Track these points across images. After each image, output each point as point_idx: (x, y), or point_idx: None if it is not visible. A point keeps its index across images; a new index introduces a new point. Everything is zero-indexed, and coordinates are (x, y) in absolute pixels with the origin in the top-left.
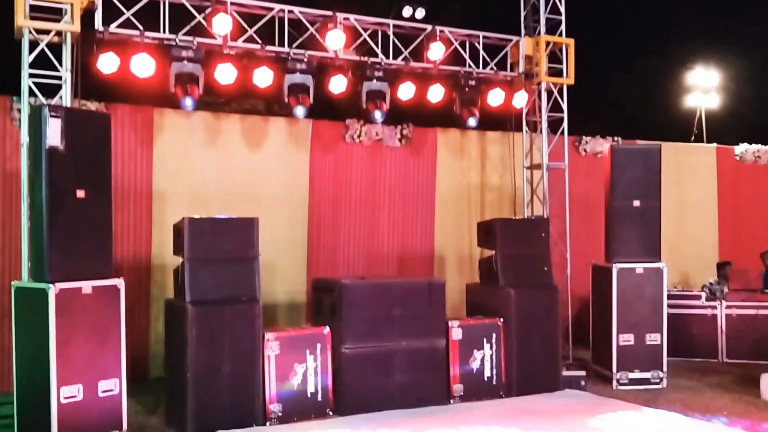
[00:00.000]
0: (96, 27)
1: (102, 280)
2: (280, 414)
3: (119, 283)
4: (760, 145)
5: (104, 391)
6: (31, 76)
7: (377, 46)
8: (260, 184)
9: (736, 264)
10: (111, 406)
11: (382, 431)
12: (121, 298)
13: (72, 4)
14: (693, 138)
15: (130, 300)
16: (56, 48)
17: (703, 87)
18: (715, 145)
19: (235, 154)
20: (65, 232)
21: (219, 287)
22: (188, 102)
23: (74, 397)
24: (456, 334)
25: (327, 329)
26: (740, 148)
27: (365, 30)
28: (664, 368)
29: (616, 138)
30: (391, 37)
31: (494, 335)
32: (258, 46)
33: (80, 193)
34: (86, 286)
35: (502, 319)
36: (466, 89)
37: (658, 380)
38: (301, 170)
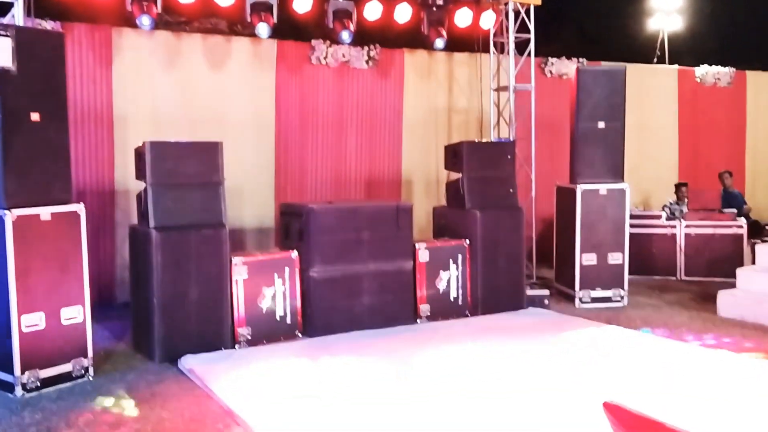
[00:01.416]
0: None
1: (61, 205)
2: (249, 337)
3: (79, 208)
4: (720, 66)
5: (67, 319)
6: None
7: None
8: (225, 107)
9: (696, 184)
10: (75, 334)
11: (350, 351)
12: (82, 223)
13: None
14: (656, 60)
15: (94, 226)
16: None
17: (666, 9)
18: (676, 66)
19: (197, 75)
20: (20, 156)
21: (184, 213)
22: (145, 20)
23: (36, 325)
24: (423, 256)
25: (295, 253)
26: (701, 70)
27: None
28: (626, 287)
29: (581, 60)
30: None
31: (460, 256)
32: None
33: (34, 116)
34: (45, 212)
35: (468, 241)
36: (434, 9)
37: (619, 298)
38: (267, 92)
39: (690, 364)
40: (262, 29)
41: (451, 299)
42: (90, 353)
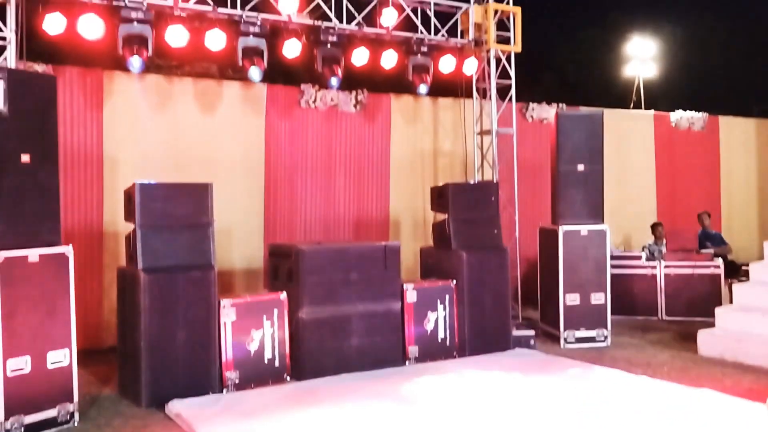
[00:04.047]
0: None
1: (49, 247)
2: (237, 381)
3: (68, 250)
4: (693, 112)
5: (53, 363)
6: None
7: (330, 11)
8: (215, 149)
9: (674, 225)
10: (61, 378)
11: (339, 396)
12: (70, 265)
13: None
14: (632, 105)
15: (82, 268)
16: (0, 8)
17: (641, 56)
18: (652, 111)
19: (188, 118)
20: (9, 198)
21: (172, 254)
22: (135, 62)
23: (21, 369)
24: (411, 296)
25: (284, 295)
26: (676, 115)
27: None
28: (609, 326)
29: (560, 104)
30: (344, 1)
31: (447, 297)
32: (210, 8)
33: (25, 158)
34: (33, 254)
35: (454, 281)
36: (419, 55)
37: (603, 338)
38: (257, 135)
39: (674, 404)
40: (254, 73)
41: (439, 340)
42: (76, 398)
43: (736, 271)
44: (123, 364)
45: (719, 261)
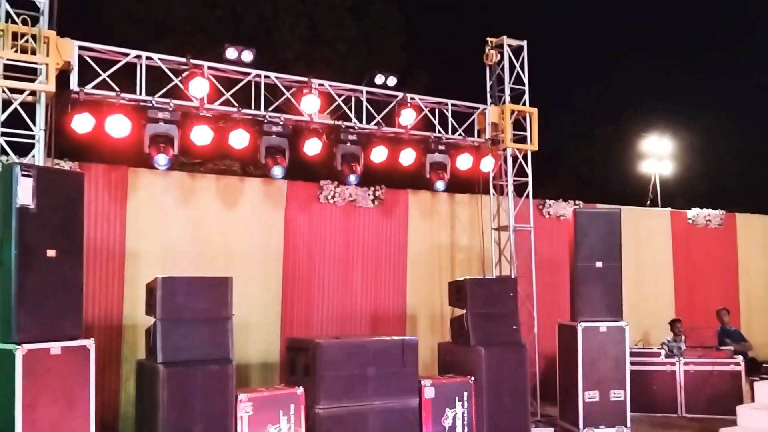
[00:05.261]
0: (71, 87)
1: (71, 341)
2: None
3: (89, 344)
4: (710, 209)
5: None
6: (3, 134)
7: (351, 111)
8: (235, 244)
9: (692, 322)
10: None
11: None
12: (91, 359)
13: (47, 65)
14: (648, 202)
15: (100, 360)
16: (30, 106)
17: (657, 154)
18: (669, 209)
19: (209, 213)
20: (34, 291)
21: (191, 348)
22: (161, 159)
23: None
24: (429, 393)
25: (301, 389)
26: (692, 213)
27: (339, 96)
28: (628, 423)
29: (577, 202)
30: (364, 102)
31: (466, 393)
32: (234, 109)
33: (51, 253)
34: (55, 347)
35: (473, 378)
36: (436, 153)
37: None
38: (276, 230)
39: None
40: (277, 171)
41: None
42: None
43: (757, 369)
44: None
45: (740, 358)
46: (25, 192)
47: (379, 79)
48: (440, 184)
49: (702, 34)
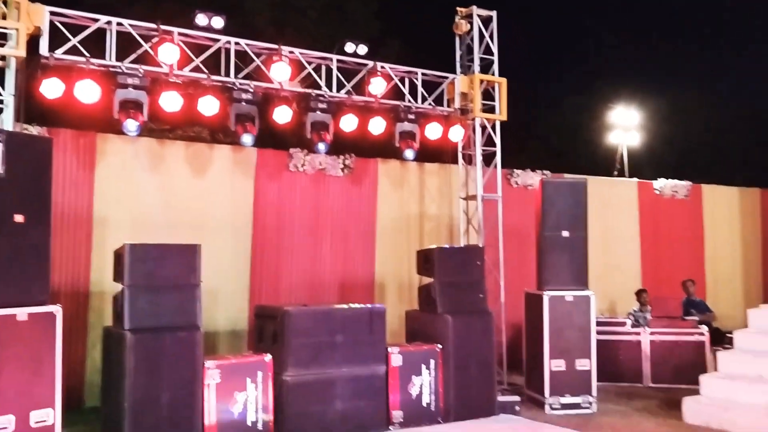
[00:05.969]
0: (41, 52)
1: (38, 306)
2: None
3: (56, 310)
4: (676, 180)
5: (37, 422)
6: None
7: (321, 79)
8: (204, 211)
9: (658, 292)
10: None
11: None
12: (58, 325)
13: (18, 30)
14: (616, 173)
15: (67, 327)
16: None
17: (624, 125)
18: (636, 179)
19: (179, 180)
20: (1, 257)
21: (159, 315)
22: (131, 125)
23: (5, 429)
24: (396, 360)
25: (269, 357)
26: (659, 183)
27: (309, 63)
28: (594, 393)
29: (545, 171)
30: (335, 71)
31: (432, 361)
32: (204, 76)
33: (18, 218)
34: (21, 312)
35: (440, 346)
36: (406, 122)
37: (588, 405)
38: (245, 198)
39: None
40: (246, 139)
41: (424, 405)
42: None
43: (720, 339)
44: (106, 425)
45: (704, 328)
46: None
47: (349, 47)
48: (409, 153)
49: (671, 6)
